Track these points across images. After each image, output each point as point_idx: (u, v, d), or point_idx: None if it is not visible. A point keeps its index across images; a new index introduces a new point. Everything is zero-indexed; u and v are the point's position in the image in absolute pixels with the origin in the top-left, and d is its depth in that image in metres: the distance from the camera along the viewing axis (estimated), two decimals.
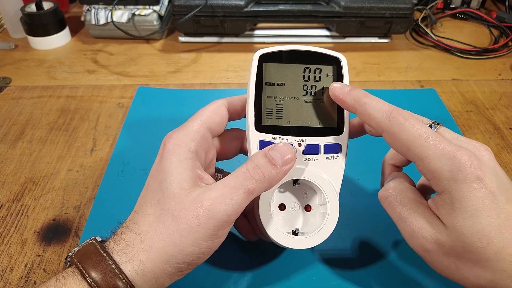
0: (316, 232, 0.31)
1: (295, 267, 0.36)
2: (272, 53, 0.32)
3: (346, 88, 0.30)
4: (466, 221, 0.25)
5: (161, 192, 0.28)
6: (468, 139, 0.28)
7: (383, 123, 0.28)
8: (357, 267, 0.36)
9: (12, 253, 0.38)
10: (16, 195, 0.43)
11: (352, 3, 0.63)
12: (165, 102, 0.56)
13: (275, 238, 0.31)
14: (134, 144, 0.49)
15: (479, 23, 0.76)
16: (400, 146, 0.28)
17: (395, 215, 0.29)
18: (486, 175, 0.25)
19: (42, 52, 0.68)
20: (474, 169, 0.25)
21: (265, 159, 0.28)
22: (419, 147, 0.26)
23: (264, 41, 0.70)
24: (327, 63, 0.32)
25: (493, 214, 0.25)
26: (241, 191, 0.27)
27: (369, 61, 0.66)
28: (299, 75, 0.32)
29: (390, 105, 0.28)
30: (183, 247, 0.26)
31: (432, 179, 0.27)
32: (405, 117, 0.27)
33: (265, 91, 0.32)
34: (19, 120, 0.54)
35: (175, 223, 0.27)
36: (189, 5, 0.63)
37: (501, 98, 0.58)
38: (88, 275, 0.26)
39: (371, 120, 0.28)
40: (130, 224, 0.28)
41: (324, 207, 0.31)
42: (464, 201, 0.25)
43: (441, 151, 0.26)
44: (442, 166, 0.26)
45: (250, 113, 0.32)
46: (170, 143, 0.30)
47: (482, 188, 0.25)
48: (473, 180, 0.25)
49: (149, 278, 0.26)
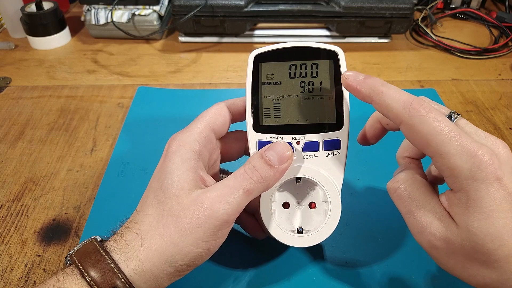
0: (319, 230, 0.31)
1: (296, 266, 0.36)
2: (267, 52, 0.32)
3: (360, 76, 0.28)
4: (480, 222, 0.24)
5: (162, 192, 0.28)
6: (487, 134, 0.27)
7: (403, 115, 0.26)
8: (357, 266, 0.36)
9: (12, 253, 0.38)
10: (16, 195, 0.43)
11: (352, 3, 0.63)
12: (165, 102, 0.56)
13: (276, 236, 0.31)
14: (134, 144, 0.49)
15: (479, 23, 0.76)
16: (419, 140, 0.26)
17: (404, 208, 0.28)
18: (505, 175, 0.24)
19: (42, 52, 0.68)
20: (494, 168, 0.24)
21: (261, 160, 0.28)
22: (440, 143, 0.25)
23: (264, 41, 0.70)
24: (323, 58, 0.32)
25: (509, 216, 0.24)
26: (239, 191, 0.27)
27: (369, 61, 0.66)
28: (296, 72, 0.32)
29: (409, 95, 0.26)
30: (183, 247, 0.26)
31: (450, 176, 0.25)
32: (426, 108, 0.25)
33: (262, 91, 0.32)
34: (19, 120, 0.54)
35: (175, 223, 0.27)
36: (189, 5, 0.63)
37: (501, 98, 0.58)
38: (87, 274, 0.26)
39: (389, 111, 0.26)
40: (131, 224, 0.28)
41: (326, 204, 0.31)
42: (480, 202, 0.24)
43: (462, 148, 0.24)
44: (462, 164, 0.24)
45: (248, 114, 0.32)
46: (174, 144, 0.30)
47: (500, 188, 0.24)
48: (492, 180, 0.24)
49: (147, 277, 0.26)
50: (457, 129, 0.25)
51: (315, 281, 0.35)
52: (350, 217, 0.40)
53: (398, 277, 0.35)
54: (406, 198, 0.28)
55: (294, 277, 0.35)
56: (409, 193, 0.28)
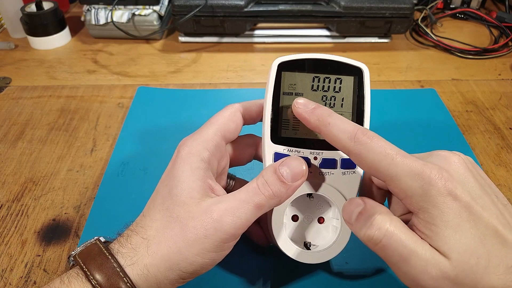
0: (328, 247, 0.31)
1: (296, 266, 0.36)
2: (291, 62, 0.31)
3: (310, 105, 0.28)
4: (455, 237, 0.24)
5: (170, 198, 0.28)
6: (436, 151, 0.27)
7: (349, 145, 0.26)
8: (357, 266, 0.36)
9: (12, 253, 0.38)
10: (16, 195, 0.43)
11: (352, 3, 0.63)
12: (165, 102, 0.56)
13: (286, 251, 0.31)
14: (134, 144, 0.49)
15: (479, 23, 0.76)
16: (368, 168, 0.26)
17: (394, 258, 0.25)
18: (458, 187, 0.24)
19: (42, 52, 0.68)
20: (445, 181, 0.24)
21: (274, 176, 0.28)
22: (388, 166, 0.25)
23: (264, 41, 0.70)
24: (348, 73, 0.31)
25: (473, 226, 0.24)
26: (250, 206, 0.27)
27: (369, 61, 0.65)
28: (319, 85, 0.31)
29: (355, 125, 0.27)
30: (188, 256, 0.26)
31: (405, 197, 0.25)
32: (369, 136, 0.26)
33: (282, 101, 0.31)
34: (19, 120, 0.54)
35: (182, 231, 0.27)
36: (189, 5, 0.63)
37: (501, 98, 0.58)
38: (93, 277, 0.26)
39: (336, 142, 0.27)
40: (137, 228, 0.28)
41: (338, 222, 0.31)
42: (444, 217, 0.24)
43: (409, 168, 0.25)
44: (413, 183, 0.24)
45: (266, 123, 0.31)
46: (184, 151, 0.30)
47: (455, 200, 0.24)
48: (446, 194, 0.24)
49: (151, 283, 0.26)
50: (401, 151, 0.25)
51: (315, 280, 0.35)
52: None
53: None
54: (395, 246, 0.24)
55: (294, 277, 0.35)
56: (397, 239, 0.24)
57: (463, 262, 0.23)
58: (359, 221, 0.26)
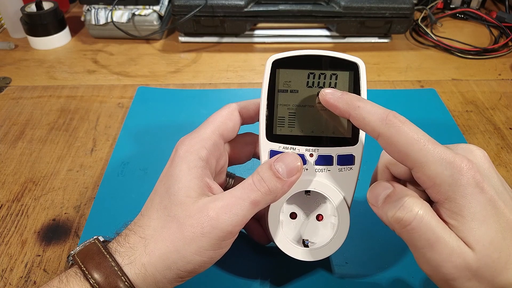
0: (325, 245, 0.31)
1: (295, 265, 0.36)
2: (286, 59, 0.31)
3: (338, 93, 0.28)
4: (480, 230, 0.24)
5: (168, 198, 0.28)
6: (460, 144, 0.27)
7: (379, 126, 0.26)
8: (357, 266, 0.36)
9: (12, 253, 0.38)
10: (16, 195, 0.43)
11: (352, 3, 0.63)
12: (165, 102, 0.56)
13: (283, 248, 0.31)
14: (134, 144, 0.49)
15: (479, 23, 0.76)
16: (397, 151, 0.26)
17: (420, 243, 0.24)
18: (484, 180, 0.24)
19: (42, 52, 0.68)
20: (474, 173, 0.24)
21: (269, 172, 0.28)
22: (418, 152, 0.25)
23: (264, 41, 0.70)
24: (343, 69, 0.31)
25: (496, 220, 0.24)
26: (246, 202, 0.27)
27: (369, 61, 0.65)
28: (314, 82, 0.31)
29: (385, 109, 0.27)
30: (186, 254, 0.26)
31: (433, 186, 0.25)
32: (402, 120, 0.26)
33: (277, 98, 0.31)
34: (19, 120, 0.54)
35: (180, 230, 0.27)
36: (189, 5, 0.63)
37: (501, 98, 0.58)
38: (91, 276, 0.26)
39: (366, 124, 0.27)
40: (135, 227, 0.28)
41: (335, 219, 0.31)
42: (471, 208, 0.24)
43: (440, 156, 0.24)
44: (443, 171, 0.24)
45: (262, 121, 0.31)
46: (181, 150, 0.30)
47: (483, 193, 0.24)
48: (475, 185, 0.24)
49: (149, 282, 0.26)
50: (432, 139, 0.25)
51: (315, 280, 0.35)
52: (350, 217, 0.39)
53: (398, 277, 0.35)
54: (424, 230, 0.24)
55: (293, 277, 0.35)
56: (426, 223, 0.24)
57: (487, 255, 0.23)
58: (387, 203, 0.26)
